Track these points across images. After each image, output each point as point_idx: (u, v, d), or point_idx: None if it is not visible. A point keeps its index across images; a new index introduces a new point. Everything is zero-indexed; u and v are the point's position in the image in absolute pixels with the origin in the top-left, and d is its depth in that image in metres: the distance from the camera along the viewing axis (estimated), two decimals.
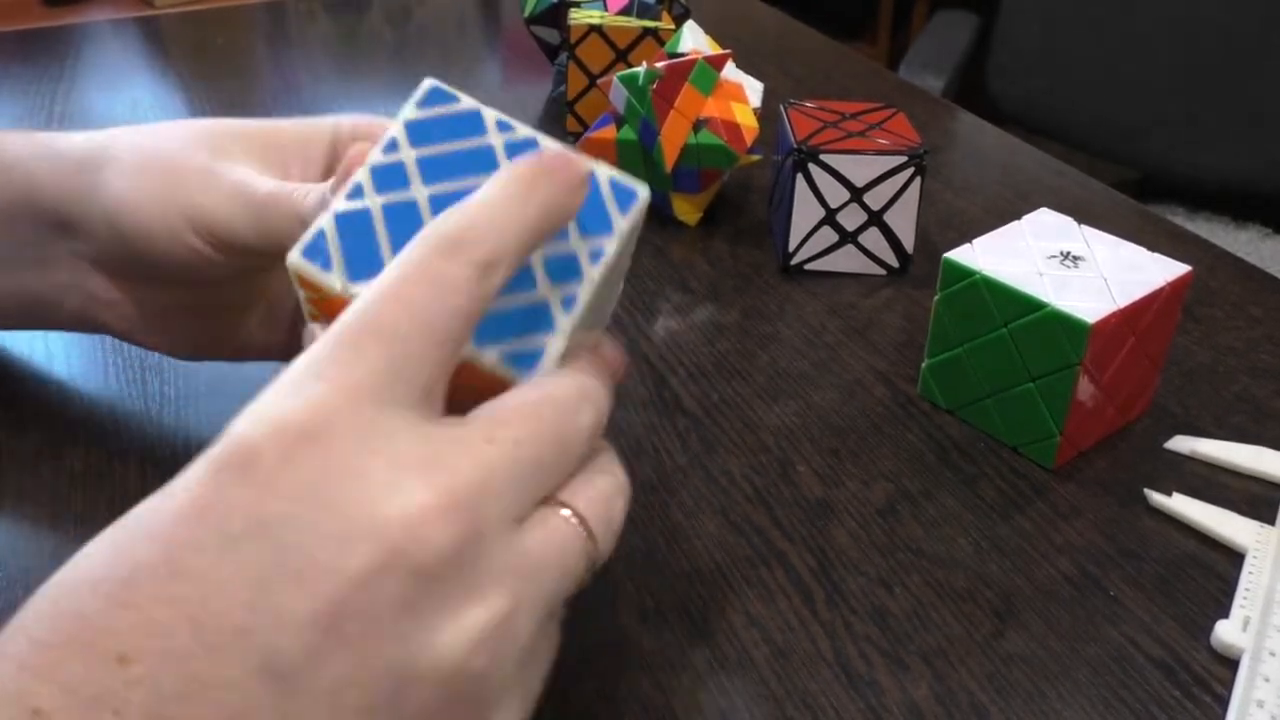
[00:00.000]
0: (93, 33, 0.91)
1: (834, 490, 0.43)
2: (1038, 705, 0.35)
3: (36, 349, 0.50)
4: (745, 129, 0.58)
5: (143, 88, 0.80)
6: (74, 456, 0.44)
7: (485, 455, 0.25)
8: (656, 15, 0.70)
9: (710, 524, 0.41)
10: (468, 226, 0.27)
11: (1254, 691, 0.34)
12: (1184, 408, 0.48)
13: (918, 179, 0.55)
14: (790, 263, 0.58)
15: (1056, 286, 0.43)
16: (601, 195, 0.32)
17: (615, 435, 0.46)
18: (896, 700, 0.35)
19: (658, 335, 0.53)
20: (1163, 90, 1.38)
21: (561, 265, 0.30)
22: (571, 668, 0.35)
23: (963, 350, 0.46)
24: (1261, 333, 0.53)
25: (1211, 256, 0.60)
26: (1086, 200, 0.66)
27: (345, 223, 0.30)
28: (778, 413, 0.47)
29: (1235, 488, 0.44)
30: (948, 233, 0.62)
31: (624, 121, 0.59)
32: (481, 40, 0.91)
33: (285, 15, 0.98)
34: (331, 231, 0.30)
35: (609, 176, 0.32)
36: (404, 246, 0.28)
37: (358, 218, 0.30)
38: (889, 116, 0.58)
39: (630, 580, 0.39)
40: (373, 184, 0.31)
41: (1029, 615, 0.38)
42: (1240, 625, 0.37)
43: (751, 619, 0.37)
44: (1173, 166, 1.41)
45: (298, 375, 0.25)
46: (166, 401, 0.47)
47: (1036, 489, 0.43)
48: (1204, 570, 0.40)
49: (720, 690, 0.35)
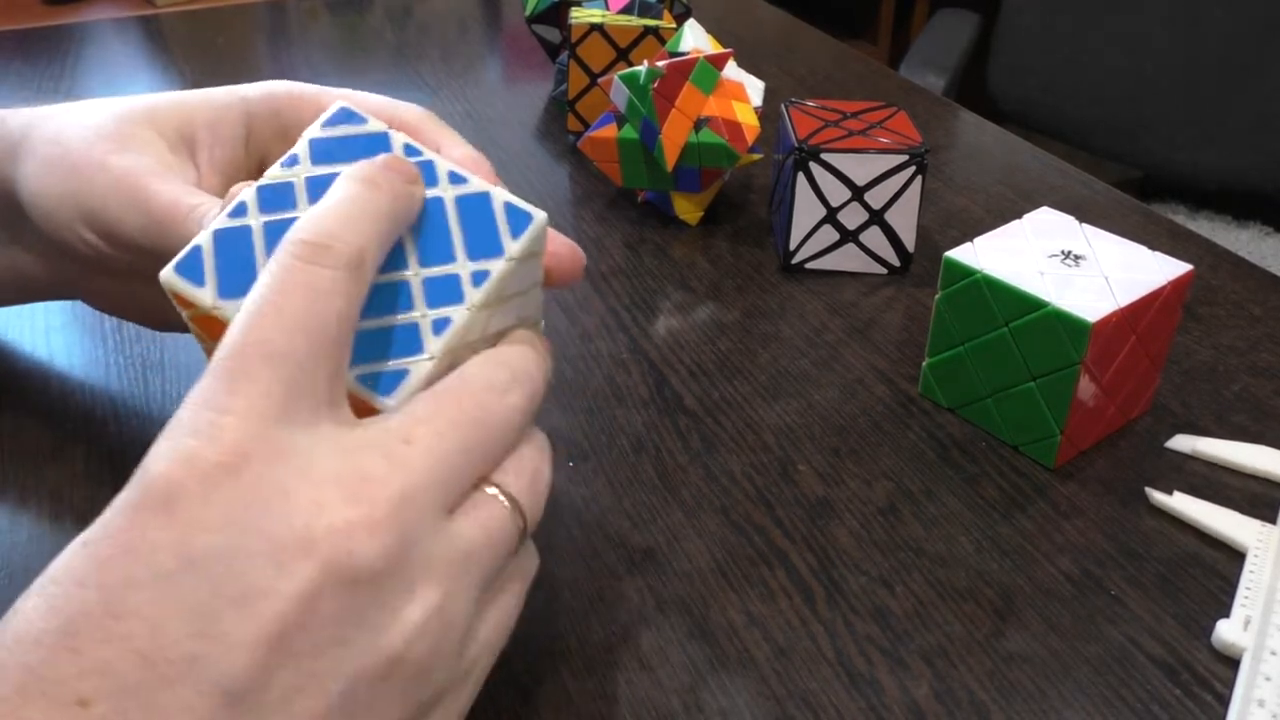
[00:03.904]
0: (93, 32, 0.91)
1: (835, 489, 0.43)
2: (1038, 704, 0.35)
3: (38, 347, 0.50)
4: (746, 128, 0.58)
5: (144, 87, 0.80)
6: (75, 455, 0.44)
7: (405, 457, 0.26)
8: (658, 14, 0.70)
9: (711, 523, 0.41)
10: (326, 229, 0.27)
11: (1255, 690, 0.34)
12: (1185, 407, 0.48)
13: (919, 178, 0.55)
14: (791, 261, 0.58)
15: (1057, 285, 0.43)
16: (494, 218, 0.31)
17: (616, 434, 0.46)
18: (897, 699, 0.35)
19: (659, 334, 0.53)
20: (1163, 89, 1.38)
21: (442, 287, 0.30)
22: (572, 668, 0.36)
23: (964, 349, 0.46)
24: (1262, 331, 0.53)
25: (1213, 255, 0.60)
26: (1087, 199, 0.66)
27: (223, 239, 0.30)
28: (779, 412, 0.47)
29: (1236, 487, 0.44)
30: (949, 232, 0.62)
31: (625, 120, 0.59)
32: (482, 39, 0.91)
33: (286, 14, 0.98)
34: (208, 247, 0.30)
35: (504, 200, 0.32)
36: None
37: (236, 235, 0.30)
38: (890, 115, 0.58)
39: (630, 580, 0.39)
40: (258, 202, 0.30)
41: (1030, 614, 0.38)
42: (1241, 624, 0.37)
43: (752, 618, 0.37)
44: (1173, 165, 1.41)
45: (198, 410, 0.25)
46: (168, 400, 0.47)
47: (1037, 488, 0.43)
48: (1205, 569, 0.40)
49: (721, 689, 0.35)
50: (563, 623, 0.37)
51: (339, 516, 0.24)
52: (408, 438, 0.26)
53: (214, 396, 0.25)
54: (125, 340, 0.51)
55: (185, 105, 0.40)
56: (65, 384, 0.48)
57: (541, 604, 0.30)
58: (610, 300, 0.55)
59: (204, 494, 0.24)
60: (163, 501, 0.23)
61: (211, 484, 0.24)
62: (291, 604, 0.23)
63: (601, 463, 0.44)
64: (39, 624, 0.23)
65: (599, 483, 0.43)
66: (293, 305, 0.26)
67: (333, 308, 0.26)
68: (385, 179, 0.29)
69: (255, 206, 0.30)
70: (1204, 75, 1.34)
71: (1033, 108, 1.50)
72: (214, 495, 0.24)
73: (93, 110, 0.39)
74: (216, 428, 0.24)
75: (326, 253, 0.26)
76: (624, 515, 0.42)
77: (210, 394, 0.25)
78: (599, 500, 0.42)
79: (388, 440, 0.26)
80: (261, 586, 0.23)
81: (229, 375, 0.25)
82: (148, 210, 0.36)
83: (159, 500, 0.23)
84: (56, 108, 0.40)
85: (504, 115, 0.76)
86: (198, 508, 0.23)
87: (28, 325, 0.52)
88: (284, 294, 0.26)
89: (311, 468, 0.25)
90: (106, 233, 0.37)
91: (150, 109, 0.39)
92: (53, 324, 0.52)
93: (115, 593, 0.23)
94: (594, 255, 0.59)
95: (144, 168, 0.37)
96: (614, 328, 0.53)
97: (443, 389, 0.28)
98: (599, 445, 0.45)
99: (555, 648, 0.36)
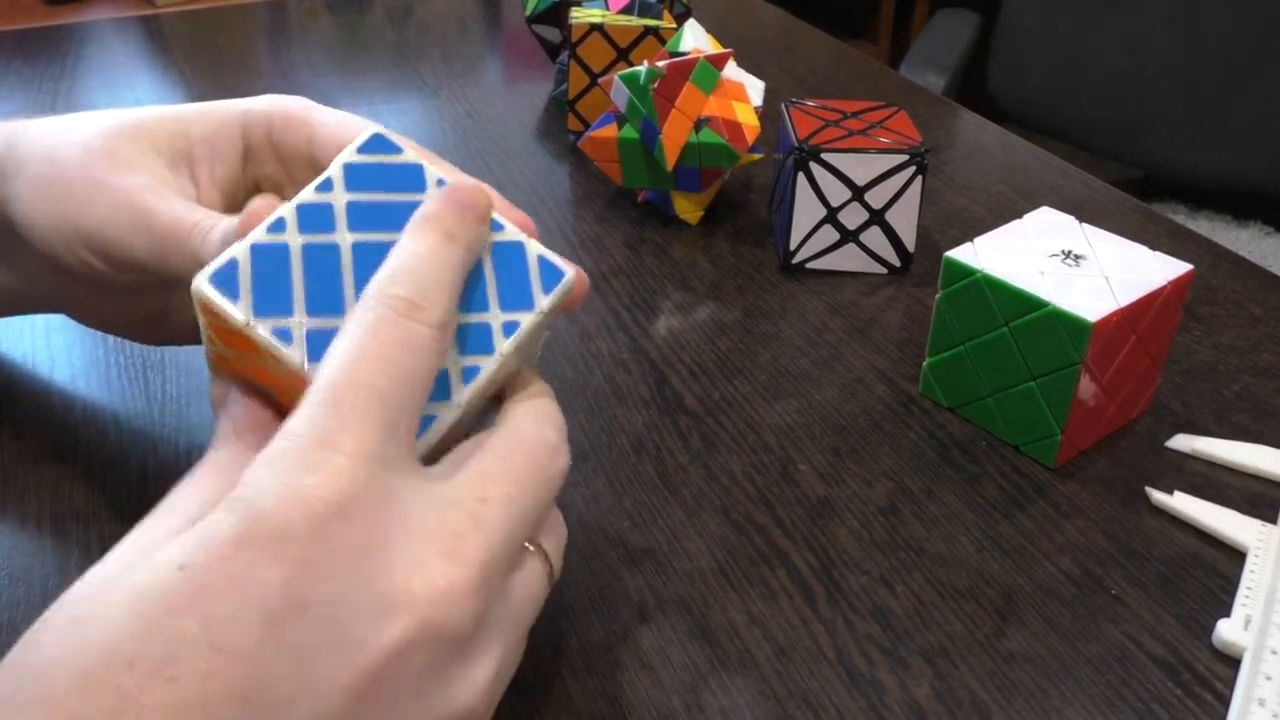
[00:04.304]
0: (94, 32, 0.91)
1: (835, 489, 0.43)
2: (1039, 704, 0.35)
3: (39, 348, 0.50)
4: (747, 128, 0.58)
5: (144, 87, 0.80)
6: (76, 455, 0.44)
7: (484, 517, 0.27)
8: (658, 14, 0.70)
9: (711, 523, 0.41)
10: (420, 287, 0.28)
11: (1255, 690, 0.34)
12: (1185, 406, 0.48)
13: (919, 178, 0.55)
14: (791, 261, 0.58)
15: (1058, 285, 0.43)
16: (528, 270, 0.31)
17: (617, 434, 0.46)
18: (898, 699, 0.35)
19: (659, 334, 0.53)
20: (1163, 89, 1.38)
21: (475, 335, 0.30)
22: (572, 668, 0.36)
23: (964, 349, 0.46)
24: (1263, 331, 0.53)
25: (1213, 255, 0.60)
26: (1088, 199, 0.66)
27: (261, 255, 0.30)
28: (779, 411, 0.47)
29: (1236, 486, 0.44)
30: (949, 231, 0.62)
31: (625, 120, 0.59)
32: (483, 39, 0.91)
33: (286, 14, 0.98)
34: (245, 262, 0.29)
35: (538, 254, 0.32)
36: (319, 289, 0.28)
37: (274, 252, 0.30)
38: (890, 115, 0.58)
39: (631, 579, 0.39)
40: (297, 221, 0.30)
41: (1030, 614, 0.38)
42: (1242, 624, 0.37)
43: (753, 618, 0.37)
44: (1173, 165, 1.41)
45: (309, 445, 0.25)
46: (169, 400, 0.47)
47: (1038, 488, 0.43)
48: (1205, 569, 0.40)
49: (721, 689, 0.35)
50: (563, 623, 0.37)
51: (440, 576, 0.25)
52: (483, 497, 0.27)
53: (325, 433, 0.25)
54: (125, 340, 0.51)
55: (180, 119, 0.39)
56: (65, 384, 0.48)
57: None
58: (610, 300, 0.55)
59: (314, 536, 0.24)
60: (273, 539, 0.24)
61: (322, 526, 0.24)
62: (386, 657, 0.24)
63: (602, 462, 0.44)
64: (133, 645, 0.23)
65: (599, 482, 0.43)
66: (394, 356, 0.27)
67: (425, 364, 0.27)
68: (462, 231, 0.30)
69: (294, 225, 0.30)
70: (1204, 75, 1.34)
71: (1033, 108, 1.50)
72: (324, 539, 0.24)
73: (81, 125, 0.38)
74: (331, 467, 0.25)
75: (421, 311, 0.28)
76: (624, 515, 0.42)
77: (320, 429, 0.25)
78: (599, 500, 0.42)
79: (468, 498, 0.27)
80: (361, 638, 0.24)
81: (338, 411, 0.26)
82: (149, 230, 0.35)
83: (269, 538, 0.24)
84: (41, 122, 0.39)
85: (504, 115, 0.76)
86: (308, 550, 0.24)
87: (28, 325, 0.52)
88: (385, 344, 0.27)
89: (409, 518, 0.26)
90: (105, 253, 0.36)
91: (138, 123, 0.38)
92: (53, 324, 0.52)
93: (220, 627, 0.23)
94: (594, 255, 0.59)
95: (143, 186, 0.36)
96: (614, 327, 0.53)
97: (505, 449, 0.29)
98: (599, 445, 0.45)
99: (555, 648, 0.36)
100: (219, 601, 0.23)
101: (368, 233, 0.31)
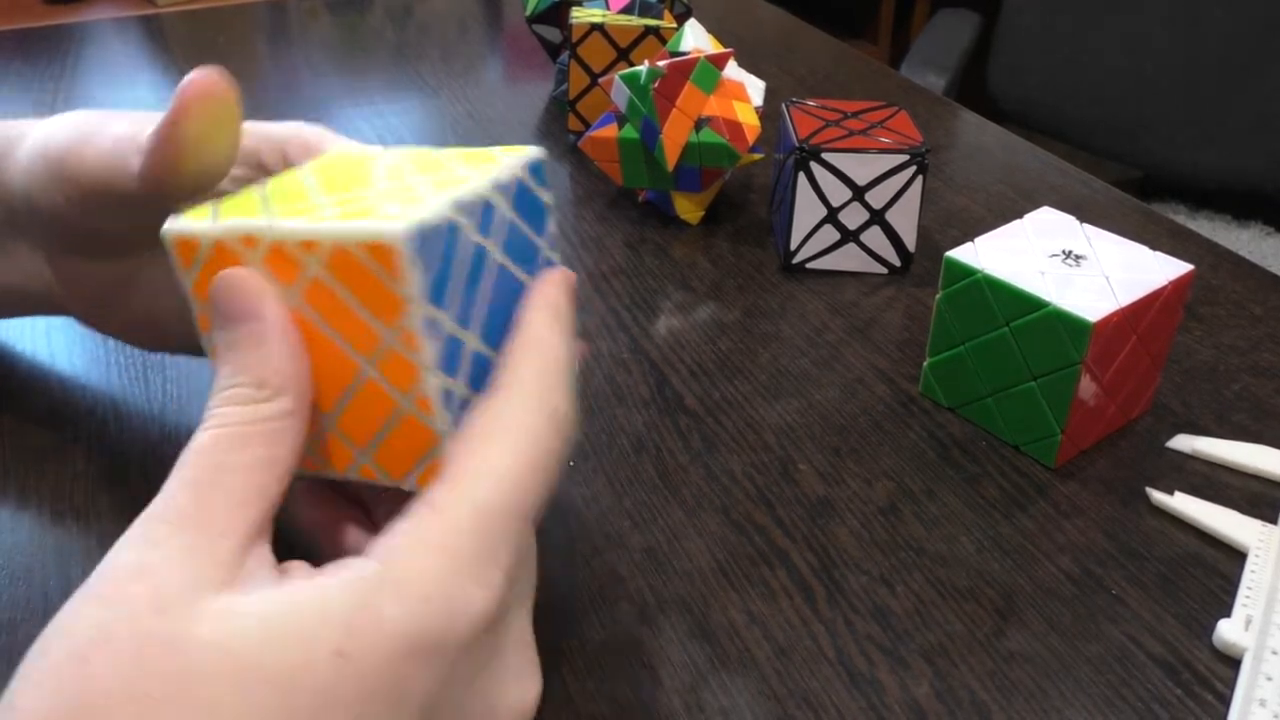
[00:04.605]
0: (94, 31, 0.91)
1: (835, 489, 0.43)
2: (1039, 704, 0.35)
3: (39, 347, 0.50)
4: (747, 127, 0.58)
5: (144, 87, 0.80)
6: (77, 455, 0.44)
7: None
8: (658, 14, 0.70)
9: (711, 522, 0.41)
10: (564, 395, 0.30)
11: (1256, 690, 0.34)
12: (1186, 406, 0.48)
13: (919, 178, 0.55)
14: (792, 261, 0.58)
15: (1058, 285, 0.43)
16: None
17: (617, 434, 0.46)
18: (898, 699, 0.35)
19: (659, 334, 0.53)
20: (1163, 89, 1.38)
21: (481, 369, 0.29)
22: (572, 667, 0.35)
23: (964, 349, 0.46)
24: (1263, 331, 0.53)
25: (1213, 255, 0.60)
26: (1088, 199, 0.66)
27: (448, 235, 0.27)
28: (779, 411, 0.47)
29: (1237, 486, 0.44)
30: (949, 231, 0.62)
31: (626, 120, 0.59)
32: (483, 39, 0.91)
33: (286, 14, 0.98)
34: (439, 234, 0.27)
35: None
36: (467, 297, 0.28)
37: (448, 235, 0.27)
38: (891, 115, 0.58)
39: (630, 579, 0.39)
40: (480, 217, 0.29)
41: (1030, 614, 0.38)
42: (1242, 624, 0.37)
43: (753, 617, 0.37)
44: (1173, 165, 1.41)
45: (484, 554, 0.26)
46: (170, 399, 0.47)
47: (1038, 487, 0.43)
48: (1206, 569, 0.40)
49: (721, 689, 0.35)
50: (563, 623, 0.37)
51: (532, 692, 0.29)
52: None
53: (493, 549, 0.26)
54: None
55: None
56: (66, 383, 0.48)
57: (542, 604, 0.30)
58: (611, 300, 0.55)
59: (463, 649, 0.26)
60: (434, 650, 0.25)
61: (474, 641, 0.26)
62: None
63: (602, 462, 0.44)
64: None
65: (599, 482, 0.43)
66: (544, 479, 0.28)
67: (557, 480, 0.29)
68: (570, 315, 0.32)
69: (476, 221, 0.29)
70: (1204, 75, 1.34)
71: (1033, 108, 1.50)
72: (470, 652, 0.26)
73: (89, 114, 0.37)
74: (494, 583, 0.26)
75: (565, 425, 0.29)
76: (624, 515, 0.42)
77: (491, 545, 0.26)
78: (599, 500, 0.42)
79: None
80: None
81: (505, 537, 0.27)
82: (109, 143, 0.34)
83: (430, 650, 0.25)
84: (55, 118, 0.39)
85: (504, 115, 0.76)
86: (455, 660, 0.26)
87: (28, 325, 0.52)
88: (540, 469, 0.28)
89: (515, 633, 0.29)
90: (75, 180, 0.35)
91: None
92: (53, 323, 0.52)
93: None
94: (594, 255, 0.59)
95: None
96: (614, 327, 0.53)
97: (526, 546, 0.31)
98: (599, 445, 0.45)
99: (555, 648, 0.36)
100: (376, 701, 0.24)
101: (507, 259, 0.30)
